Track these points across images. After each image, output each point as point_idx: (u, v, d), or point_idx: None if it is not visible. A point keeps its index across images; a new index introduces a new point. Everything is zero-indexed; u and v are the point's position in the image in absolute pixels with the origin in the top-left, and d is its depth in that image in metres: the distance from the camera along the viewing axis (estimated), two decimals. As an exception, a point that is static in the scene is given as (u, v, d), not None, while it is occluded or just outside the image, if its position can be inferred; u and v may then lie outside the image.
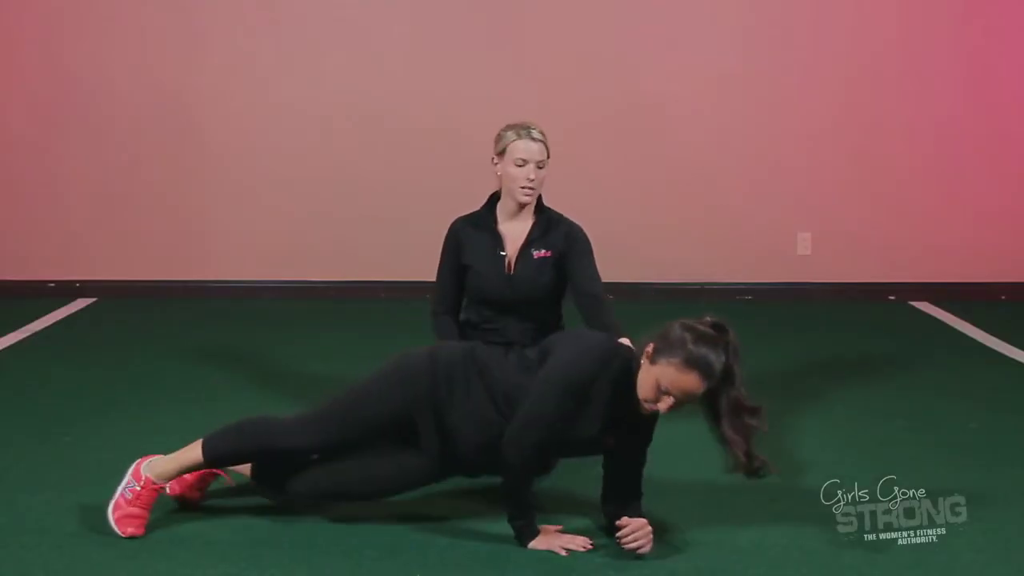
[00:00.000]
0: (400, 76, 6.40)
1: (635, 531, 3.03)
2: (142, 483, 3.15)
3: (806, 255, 6.63)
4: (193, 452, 3.17)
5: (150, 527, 3.17)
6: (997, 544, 3.17)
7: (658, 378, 2.96)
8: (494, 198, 3.81)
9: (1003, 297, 6.65)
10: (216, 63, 6.41)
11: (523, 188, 3.68)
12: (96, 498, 3.37)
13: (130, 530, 3.12)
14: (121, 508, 3.14)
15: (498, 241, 3.76)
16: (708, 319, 3.02)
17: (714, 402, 3.00)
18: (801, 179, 6.58)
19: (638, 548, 3.03)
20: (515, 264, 3.74)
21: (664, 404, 2.97)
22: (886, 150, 6.57)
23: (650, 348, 3.00)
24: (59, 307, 6.21)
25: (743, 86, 6.48)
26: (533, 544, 3.09)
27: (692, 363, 2.92)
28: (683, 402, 2.98)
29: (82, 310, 6.25)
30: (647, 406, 3.01)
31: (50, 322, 5.90)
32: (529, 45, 6.42)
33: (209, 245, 6.58)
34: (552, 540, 3.10)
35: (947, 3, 6.47)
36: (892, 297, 6.67)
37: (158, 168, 6.49)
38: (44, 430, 4.07)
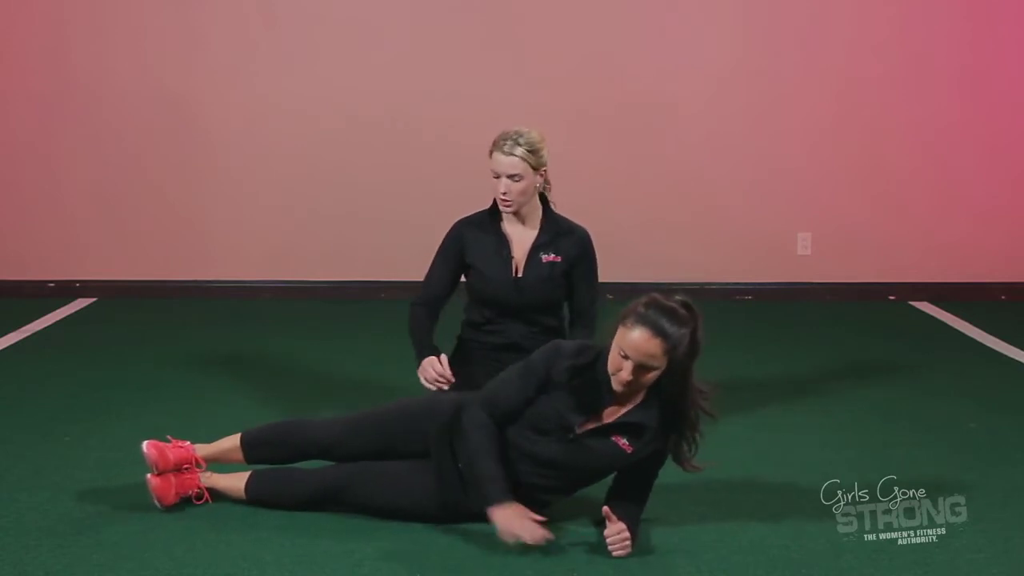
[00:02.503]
0: (400, 76, 6.40)
1: (610, 536, 3.05)
2: (187, 444, 3.40)
3: (806, 255, 6.62)
4: (231, 439, 3.43)
5: (148, 527, 3.18)
6: (997, 544, 3.17)
7: (617, 343, 2.99)
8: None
9: (1003, 297, 6.65)
10: (216, 63, 6.41)
11: (500, 199, 3.69)
12: (96, 498, 3.39)
13: (153, 452, 3.30)
14: (160, 442, 3.35)
15: (503, 242, 3.74)
16: (678, 297, 3.04)
17: (671, 374, 3.01)
18: (801, 179, 6.57)
19: (613, 552, 3.04)
20: (523, 268, 3.73)
21: (626, 370, 2.98)
22: (886, 150, 6.56)
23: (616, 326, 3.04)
24: (59, 307, 6.21)
25: (743, 86, 6.47)
26: (496, 514, 3.01)
27: (639, 321, 2.95)
28: (645, 367, 2.97)
29: (82, 310, 6.24)
30: (614, 381, 3.02)
31: (50, 322, 5.89)
32: (528, 45, 6.42)
33: (209, 245, 6.57)
34: (513, 520, 3.01)
35: (947, 3, 6.47)
36: (892, 297, 6.66)
37: (158, 168, 6.49)
38: (44, 430, 4.07)
